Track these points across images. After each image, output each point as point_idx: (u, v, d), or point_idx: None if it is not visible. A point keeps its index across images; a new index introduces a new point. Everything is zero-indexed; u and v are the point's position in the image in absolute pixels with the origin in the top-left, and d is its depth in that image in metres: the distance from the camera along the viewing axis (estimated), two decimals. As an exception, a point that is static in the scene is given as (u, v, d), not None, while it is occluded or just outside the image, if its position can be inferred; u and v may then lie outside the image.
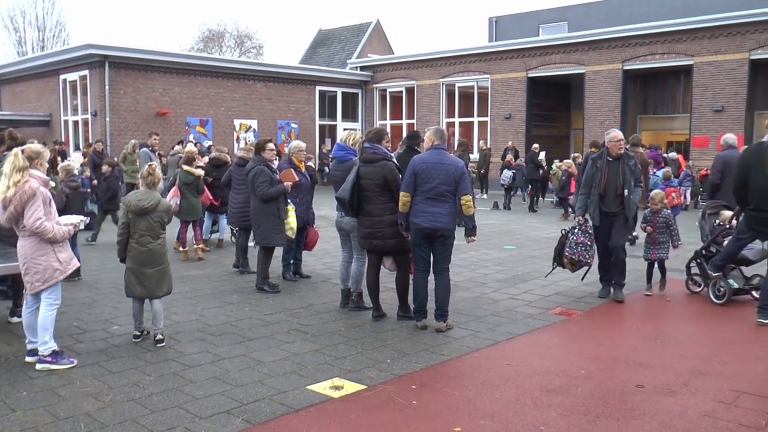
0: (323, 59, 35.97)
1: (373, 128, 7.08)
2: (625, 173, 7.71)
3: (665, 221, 8.17)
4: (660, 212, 8.18)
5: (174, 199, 10.20)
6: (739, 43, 20.32)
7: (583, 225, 7.86)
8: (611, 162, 7.77)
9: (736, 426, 4.32)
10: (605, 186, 7.74)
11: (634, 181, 7.74)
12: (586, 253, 7.79)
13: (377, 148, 6.77)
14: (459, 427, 4.23)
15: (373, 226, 6.65)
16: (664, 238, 8.18)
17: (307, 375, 5.20)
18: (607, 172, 7.76)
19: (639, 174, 7.80)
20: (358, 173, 6.68)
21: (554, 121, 27.21)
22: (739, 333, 6.58)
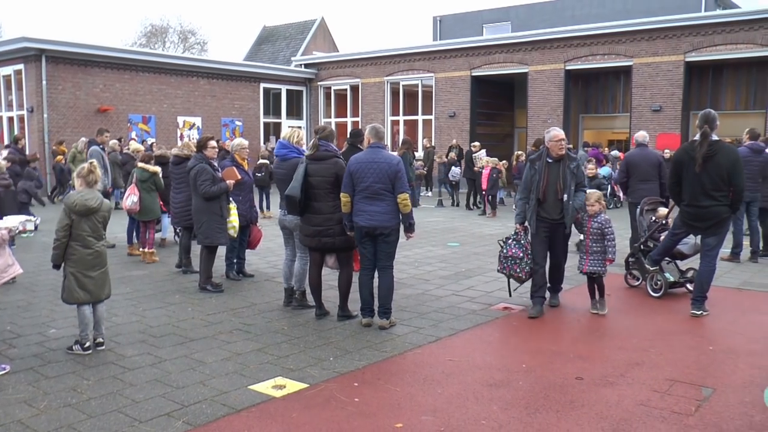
0: (268, 56, 35.67)
1: (324, 126, 7.03)
2: (566, 176, 7.05)
3: (600, 228, 7.12)
4: (596, 216, 7.18)
5: (131, 197, 10.01)
6: (675, 46, 20.96)
7: (518, 235, 7.28)
8: (551, 164, 7.14)
9: (669, 413, 4.49)
10: (544, 190, 7.10)
11: (576, 185, 7.12)
12: (516, 267, 7.21)
13: (329, 145, 6.78)
14: (401, 423, 4.28)
15: (323, 224, 6.63)
16: (599, 247, 7.12)
17: (250, 375, 5.18)
18: (546, 175, 7.12)
19: (582, 177, 7.22)
20: (307, 171, 6.65)
21: (498, 120, 27.57)
22: (674, 324, 6.81)
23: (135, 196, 10.00)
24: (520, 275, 7.22)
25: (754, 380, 5.15)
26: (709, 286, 7.19)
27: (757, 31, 19.64)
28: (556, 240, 7.21)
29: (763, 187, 10.62)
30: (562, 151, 7.13)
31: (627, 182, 9.83)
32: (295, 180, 6.62)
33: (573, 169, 7.11)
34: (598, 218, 7.10)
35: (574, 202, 7.10)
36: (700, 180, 7.01)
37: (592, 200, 7.15)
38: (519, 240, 7.24)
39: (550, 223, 7.11)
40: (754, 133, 10.95)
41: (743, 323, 6.85)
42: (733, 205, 7.10)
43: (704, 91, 22.92)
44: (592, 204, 7.13)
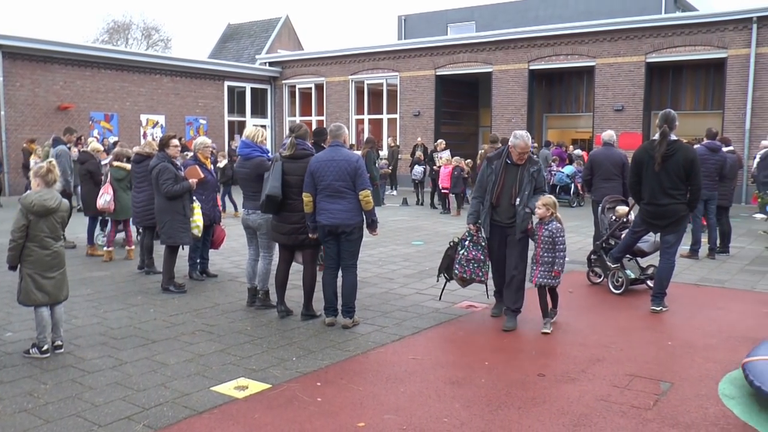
0: (232, 54, 35.37)
1: (299, 124, 6.99)
2: (523, 180, 6.60)
3: (551, 236, 6.45)
4: (548, 223, 6.51)
5: (104, 195, 9.85)
6: (637, 47, 21.30)
7: (474, 236, 6.84)
8: (509, 165, 6.71)
9: (628, 408, 4.58)
10: (499, 194, 6.65)
11: (534, 190, 6.64)
12: (479, 270, 6.81)
13: (305, 144, 6.78)
14: (363, 422, 4.29)
15: (300, 221, 6.61)
16: (549, 258, 6.47)
17: (212, 376, 5.14)
18: (503, 177, 6.70)
19: (542, 182, 6.72)
20: (283, 169, 6.61)
21: (463, 119, 27.74)
22: (634, 320, 6.94)
23: (108, 195, 9.87)
24: (483, 279, 6.87)
25: (709, 373, 5.28)
26: (668, 283, 7.34)
27: (714, 34, 20.09)
28: (510, 247, 6.68)
29: (720, 186, 10.85)
30: (523, 161, 6.66)
31: (591, 180, 9.98)
32: (275, 179, 6.56)
33: (533, 173, 6.65)
34: (550, 226, 6.45)
35: (526, 208, 6.58)
36: (659, 179, 7.15)
37: (540, 203, 6.47)
38: (477, 241, 6.82)
39: (502, 227, 6.68)
40: (711, 132, 11.18)
41: (700, 318, 7.00)
42: (691, 204, 7.26)
43: (664, 92, 23.37)
44: (539, 207, 6.46)
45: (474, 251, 6.81)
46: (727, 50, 19.90)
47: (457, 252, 6.89)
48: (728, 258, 10.62)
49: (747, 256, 10.80)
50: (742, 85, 19.71)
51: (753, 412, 4.54)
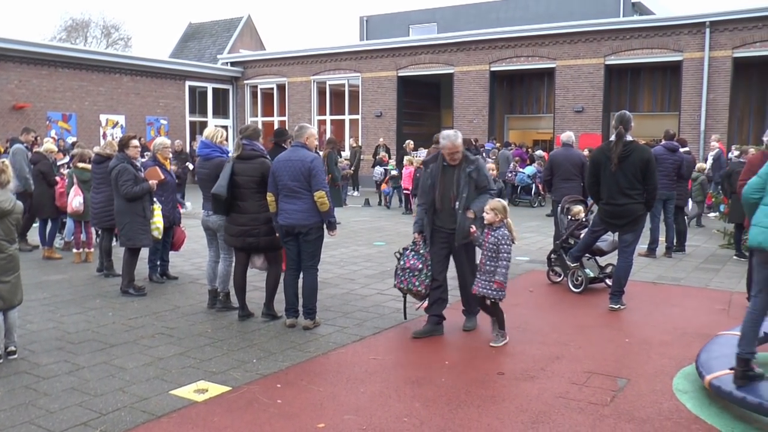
0: (194, 54, 34.98)
1: (249, 125, 6.97)
2: (460, 181, 6.28)
3: (495, 243, 5.94)
4: (496, 229, 6.01)
5: (77, 198, 9.67)
6: (596, 49, 21.64)
7: (416, 245, 6.47)
8: (447, 167, 6.39)
9: (586, 404, 4.65)
10: (440, 197, 6.35)
11: (480, 190, 6.33)
12: (415, 280, 6.36)
13: (255, 144, 6.74)
14: (323, 423, 4.29)
15: (248, 223, 6.58)
16: (491, 267, 5.98)
17: (171, 380, 5.08)
18: (441, 181, 6.38)
19: (485, 181, 6.34)
20: (233, 170, 6.58)
21: (425, 120, 27.87)
22: (593, 318, 7.04)
23: (80, 196, 9.71)
24: (420, 289, 6.38)
25: (664, 369, 5.39)
26: (626, 281, 7.47)
27: (670, 37, 20.52)
28: (458, 253, 6.43)
29: (678, 186, 11.08)
30: (455, 161, 6.34)
31: (551, 181, 10.11)
32: (222, 179, 6.56)
33: (470, 173, 6.29)
34: (497, 232, 5.98)
35: (473, 204, 6.24)
36: (617, 179, 7.28)
37: (488, 207, 6.03)
38: (418, 250, 6.43)
39: (447, 233, 6.37)
40: (669, 133, 11.43)
41: (657, 316, 7.13)
42: (648, 203, 7.41)
43: (623, 93, 23.80)
44: (487, 212, 6.01)
45: (413, 260, 6.39)
46: (683, 53, 20.34)
47: (398, 261, 6.54)
48: (684, 256, 10.85)
49: (701, 255, 11.05)
50: (696, 88, 20.17)
51: (704, 406, 4.66)
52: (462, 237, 6.25)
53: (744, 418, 4.44)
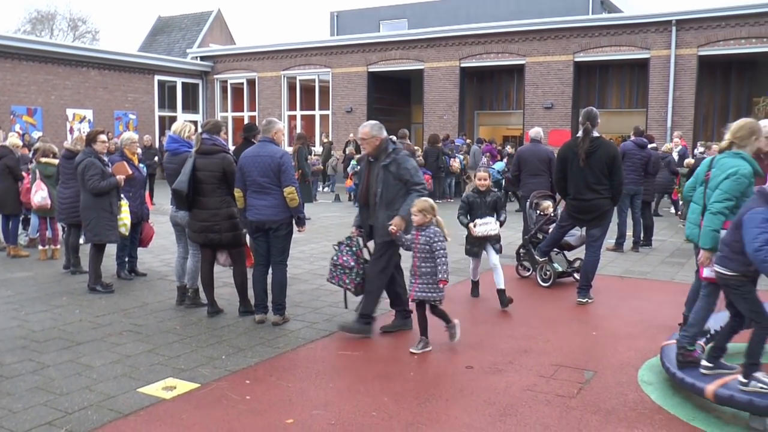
0: (163, 48, 34.62)
1: (210, 119, 6.92)
2: (378, 176, 6.11)
3: (428, 243, 5.62)
4: (425, 228, 5.70)
5: (39, 192, 9.50)
6: (565, 46, 21.84)
7: (351, 240, 6.36)
8: (371, 162, 6.28)
9: (552, 397, 4.72)
10: (364, 192, 6.32)
11: (407, 186, 6.03)
12: (345, 278, 6.21)
13: (216, 139, 6.69)
14: (292, 419, 4.29)
15: (209, 219, 6.54)
16: (428, 268, 5.64)
17: (139, 377, 5.04)
18: (366, 176, 6.32)
19: (408, 176, 5.99)
20: (195, 165, 6.53)
21: (395, 116, 27.86)
22: (561, 312, 7.13)
23: (44, 191, 9.55)
24: (349, 287, 6.25)
25: (630, 361, 5.48)
26: (593, 275, 7.57)
27: (637, 35, 20.78)
28: (378, 249, 6.22)
29: (645, 181, 11.24)
30: (371, 152, 6.19)
31: (519, 176, 10.19)
32: (183, 174, 6.51)
33: (387, 166, 6.03)
34: (427, 231, 5.65)
35: (401, 209, 5.92)
36: (584, 175, 7.36)
37: (415, 209, 5.69)
38: (352, 246, 6.30)
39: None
40: (638, 130, 11.61)
41: (624, 309, 7.24)
42: (614, 198, 7.50)
43: (592, 90, 24.05)
44: (414, 213, 5.69)
45: (346, 256, 6.24)
46: (650, 51, 20.61)
47: (333, 256, 6.38)
48: (651, 251, 11.02)
49: (668, 249, 11.23)
50: (663, 85, 20.46)
51: (668, 397, 4.75)
52: (381, 235, 6.05)
53: (704, 408, 4.54)
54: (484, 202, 7.34)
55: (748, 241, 4.19)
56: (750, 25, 19.27)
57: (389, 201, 6.03)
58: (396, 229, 5.81)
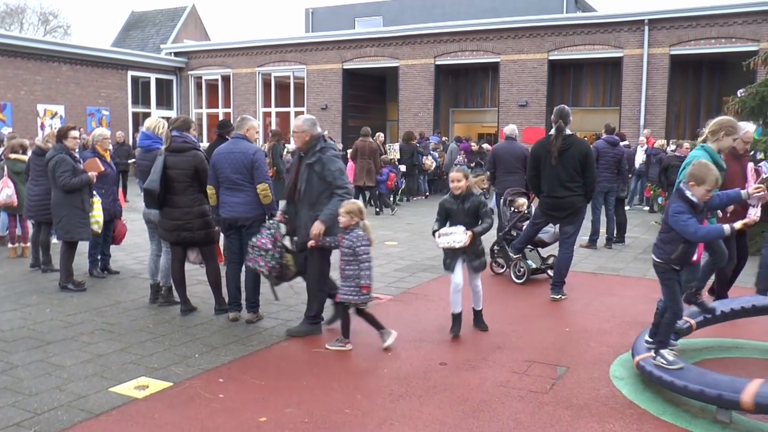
0: (136, 43, 34.21)
1: (179, 116, 6.86)
2: (303, 175, 5.93)
3: (351, 246, 5.54)
4: (350, 231, 5.60)
5: (5, 190, 9.34)
6: (539, 45, 22.00)
7: (273, 223, 6.15)
8: (301, 157, 6.04)
9: (525, 393, 4.75)
10: (291, 188, 6.09)
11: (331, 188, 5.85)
12: (261, 260, 6.01)
13: (186, 136, 6.63)
14: (265, 417, 4.28)
15: (182, 217, 6.48)
16: (352, 271, 5.57)
17: (111, 377, 4.99)
18: (295, 172, 6.07)
19: (332, 177, 5.82)
20: (165, 163, 6.47)
21: (370, 113, 27.89)
22: (535, 309, 7.18)
23: (9, 189, 9.40)
24: (263, 269, 6.05)
25: (602, 357, 5.54)
26: (567, 272, 7.63)
27: (611, 34, 21.00)
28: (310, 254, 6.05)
29: (618, 179, 11.35)
30: (302, 147, 6.00)
31: (494, 174, 10.24)
32: (154, 173, 6.43)
33: (312, 164, 5.88)
34: (351, 234, 5.58)
35: (322, 214, 5.80)
36: (557, 172, 7.42)
37: (343, 210, 5.61)
38: (271, 228, 6.10)
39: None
40: (609, 127, 11.71)
41: (596, 305, 7.31)
42: (587, 195, 7.58)
43: (566, 88, 24.23)
44: (342, 214, 5.60)
45: (264, 238, 6.02)
46: (623, 50, 20.83)
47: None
48: (624, 247, 11.14)
49: (640, 246, 11.35)
50: (636, 84, 20.70)
51: (639, 391, 4.81)
52: (303, 234, 5.94)
53: (674, 402, 4.60)
54: (462, 208, 6.09)
55: (683, 231, 4.61)
56: (719, 26, 19.58)
57: (312, 201, 5.90)
58: (315, 241, 5.77)
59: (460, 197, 6.07)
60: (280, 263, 6.09)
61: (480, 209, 6.08)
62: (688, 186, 4.67)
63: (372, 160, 15.54)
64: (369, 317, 5.76)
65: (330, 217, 5.74)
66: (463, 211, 6.06)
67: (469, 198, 6.08)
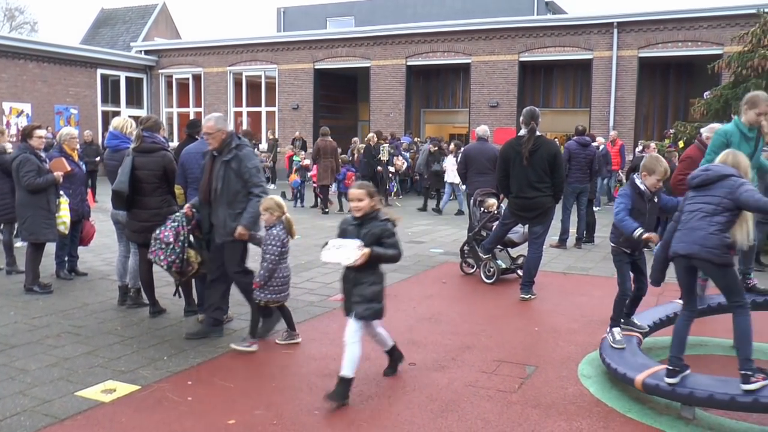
0: (106, 41, 33.81)
1: (150, 116, 6.78)
2: (219, 172, 5.75)
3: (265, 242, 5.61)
4: (270, 228, 5.61)
5: None
6: (510, 46, 22.16)
7: (180, 216, 6.00)
8: (216, 157, 5.84)
9: (494, 392, 4.79)
10: (205, 188, 5.88)
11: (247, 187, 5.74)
12: (161, 253, 5.86)
13: (155, 137, 6.56)
14: (233, 420, 4.25)
15: (151, 219, 6.38)
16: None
17: (77, 380, 4.92)
18: (209, 171, 5.86)
19: (249, 176, 5.71)
20: (134, 164, 6.39)
21: (341, 113, 27.89)
22: (504, 308, 7.22)
23: None
24: (162, 263, 5.92)
25: (571, 356, 5.60)
26: (536, 272, 7.69)
27: (581, 36, 21.24)
28: (220, 250, 5.91)
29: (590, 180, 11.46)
30: (214, 146, 5.80)
31: (465, 174, 10.29)
32: (122, 174, 6.34)
33: (229, 161, 5.71)
34: (270, 231, 5.62)
35: (243, 217, 5.69)
36: (526, 173, 7.48)
37: (262, 207, 5.59)
38: (175, 221, 5.94)
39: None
40: (578, 129, 11.83)
41: (566, 305, 7.38)
42: (556, 196, 7.66)
43: (537, 89, 24.45)
44: (262, 212, 5.59)
45: (167, 231, 5.87)
46: (593, 52, 21.07)
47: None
48: (593, 247, 11.26)
49: (609, 246, 11.44)
50: (605, 85, 20.95)
51: (606, 390, 4.87)
52: (222, 234, 5.81)
53: (640, 400, 4.67)
54: (359, 233, 4.66)
55: (615, 210, 5.25)
56: (686, 29, 19.91)
57: (230, 200, 5.75)
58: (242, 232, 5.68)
59: (360, 220, 4.72)
60: (181, 258, 5.94)
61: (384, 237, 4.65)
62: (641, 176, 5.21)
63: (334, 159, 15.63)
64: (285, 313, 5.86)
65: (251, 220, 5.67)
66: (360, 237, 4.62)
67: (370, 222, 4.69)
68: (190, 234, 6.05)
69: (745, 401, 4.09)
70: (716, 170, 4.57)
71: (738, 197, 4.35)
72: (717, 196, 4.46)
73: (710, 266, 4.41)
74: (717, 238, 4.34)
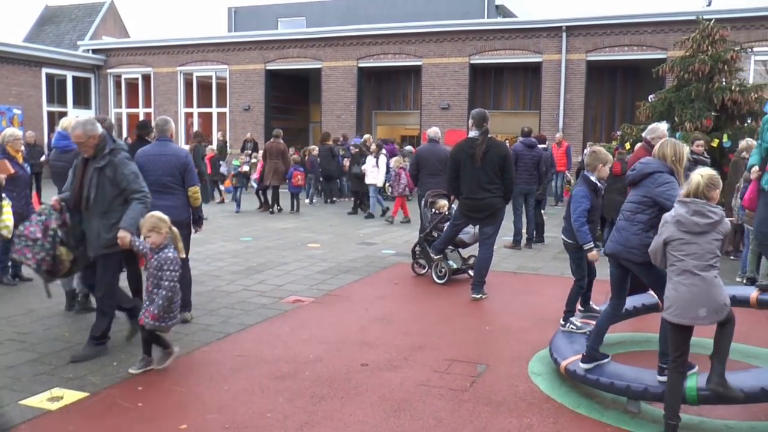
0: (51, 39, 32.95)
1: (104, 117, 6.66)
2: (92, 179, 5.36)
3: (158, 267, 5.04)
4: (160, 251, 5.07)
5: None
6: (461, 49, 22.36)
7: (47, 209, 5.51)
8: (88, 162, 5.44)
9: (446, 391, 4.85)
10: (76, 195, 5.47)
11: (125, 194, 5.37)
12: (28, 251, 5.33)
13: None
14: (185, 425, 4.22)
15: None
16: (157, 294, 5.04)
17: (22, 389, 4.79)
18: (80, 177, 5.45)
19: (123, 182, 5.33)
20: None
21: (293, 114, 27.76)
22: (455, 308, 7.30)
23: None
24: (30, 262, 5.38)
25: (521, 354, 5.70)
26: (487, 271, 7.79)
27: (530, 39, 21.56)
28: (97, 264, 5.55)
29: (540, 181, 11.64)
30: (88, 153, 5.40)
31: (417, 176, 10.35)
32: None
33: (106, 170, 5.32)
34: (161, 254, 5.06)
35: (123, 219, 5.26)
36: (477, 175, 7.58)
37: (145, 230, 5.10)
38: (42, 215, 5.46)
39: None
40: (524, 130, 12.00)
41: (516, 304, 7.50)
42: (506, 197, 7.78)
43: (487, 92, 24.73)
44: (148, 235, 5.10)
45: (33, 226, 5.37)
46: (542, 55, 21.41)
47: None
48: (543, 247, 11.44)
49: (559, 245, 11.59)
50: (555, 88, 21.31)
51: (555, 386, 4.98)
52: (96, 247, 5.41)
53: (589, 396, 4.79)
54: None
55: (573, 208, 5.66)
56: (632, 34, 20.39)
57: (104, 210, 5.36)
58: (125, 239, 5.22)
59: None
60: (52, 255, 5.44)
61: None
62: (592, 171, 5.72)
63: (280, 160, 15.67)
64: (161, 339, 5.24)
65: (132, 223, 5.23)
66: None
67: None
68: (59, 229, 5.50)
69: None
70: (640, 168, 4.78)
71: (654, 197, 4.59)
72: (638, 195, 4.68)
73: (633, 265, 4.74)
74: (637, 239, 4.64)
